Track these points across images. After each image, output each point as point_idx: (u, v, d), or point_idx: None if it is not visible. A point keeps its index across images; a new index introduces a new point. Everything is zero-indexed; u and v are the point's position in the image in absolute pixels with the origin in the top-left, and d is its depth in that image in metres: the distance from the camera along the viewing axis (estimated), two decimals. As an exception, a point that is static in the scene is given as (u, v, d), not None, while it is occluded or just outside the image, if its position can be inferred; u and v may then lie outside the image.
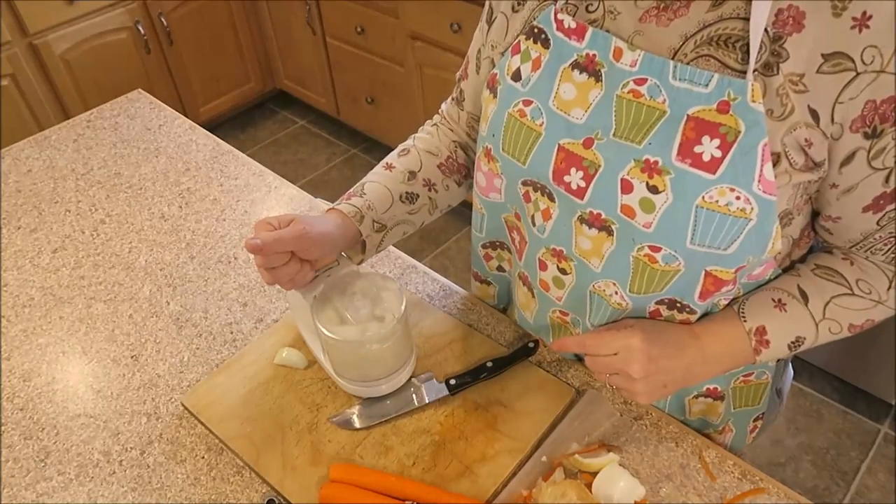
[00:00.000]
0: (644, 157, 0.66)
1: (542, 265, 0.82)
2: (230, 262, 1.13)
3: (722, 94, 0.62)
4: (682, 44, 0.64)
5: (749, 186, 0.63)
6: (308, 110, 3.29)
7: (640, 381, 0.73)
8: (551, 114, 0.72)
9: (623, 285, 0.74)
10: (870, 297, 0.74)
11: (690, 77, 0.63)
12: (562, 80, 0.71)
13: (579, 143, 0.70)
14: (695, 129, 0.64)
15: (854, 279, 0.75)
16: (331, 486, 0.79)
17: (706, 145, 0.63)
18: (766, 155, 0.62)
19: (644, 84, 0.66)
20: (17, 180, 1.32)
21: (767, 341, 0.75)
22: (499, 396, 0.88)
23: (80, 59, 2.53)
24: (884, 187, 0.65)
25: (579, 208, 0.72)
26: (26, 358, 0.99)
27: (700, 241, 0.67)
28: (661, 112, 0.65)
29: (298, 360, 0.93)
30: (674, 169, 0.65)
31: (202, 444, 0.87)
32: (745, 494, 0.78)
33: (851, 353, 1.91)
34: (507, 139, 0.76)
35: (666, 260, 0.69)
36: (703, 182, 0.64)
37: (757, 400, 0.89)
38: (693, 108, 0.64)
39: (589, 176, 0.70)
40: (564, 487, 0.76)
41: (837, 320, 0.75)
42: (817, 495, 1.80)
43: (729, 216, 0.65)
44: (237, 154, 1.36)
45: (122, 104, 1.51)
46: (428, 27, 2.24)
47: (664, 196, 0.66)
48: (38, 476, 0.85)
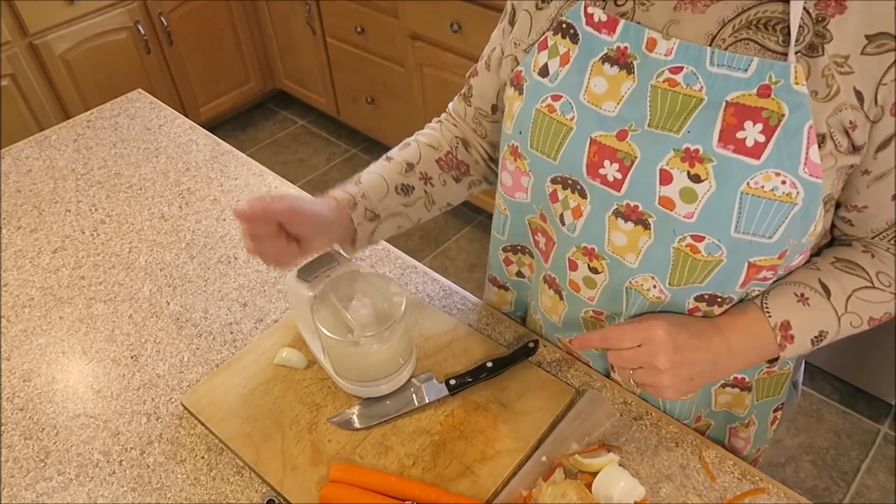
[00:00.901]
0: (684, 145, 0.65)
1: (571, 265, 0.81)
2: (230, 262, 1.13)
3: (762, 78, 0.62)
4: (720, 29, 0.64)
5: (795, 170, 0.63)
6: (308, 110, 3.29)
7: (666, 372, 0.72)
8: (582, 107, 0.71)
9: (662, 278, 0.73)
10: (889, 289, 0.74)
11: (729, 62, 0.63)
12: (592, 73, 0.70)
13: (612, 136, 0.69)
14: (735, 114, 0.63)
15: (875, 272, 0.74)
16: (331, 486, 0.79)
17: (749, 130, 0.63)
18: (811, 137, 0.62)
19: (680, 72, 0.65)
20: (17, 180, 1.32)
21: (792, 336, 0.75)
22: (499, 396, 0.88)
23: (80, 59, 2.53)
24: None
25: (615, 201, 0.71)
26: (26, 358, 0.99)
27: (745, 228, 0.66)
28: (699, 100, 0.64)
29: (298, 360, 0.93)
30: (716, 156, 0.64)
31: (202, 444, 0.87)
32: (745, 494, 0.78)
33: (851, 353, 1.91)
34: (535, 135, 0.75)
35: (709, 250, 0.68)
36: (747, 168, 0.63)
37: (778, 390, 0.89)
38: (732, 93, 0.63)
39: (625, 168, 0.69)
40: (564, 487, 0.76)
41: (858, 313, 0.75)
42: (817, 495, 1.80)
43: (775, 201, 0.64)
44: (237, 154, 1.36)
45: (122, 104, 1.51)
46: (428, 27, 2.24)
47: (707, 184, 0.65)
48: (38, 476, 0.85)
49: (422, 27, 2.25)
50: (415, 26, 2.28)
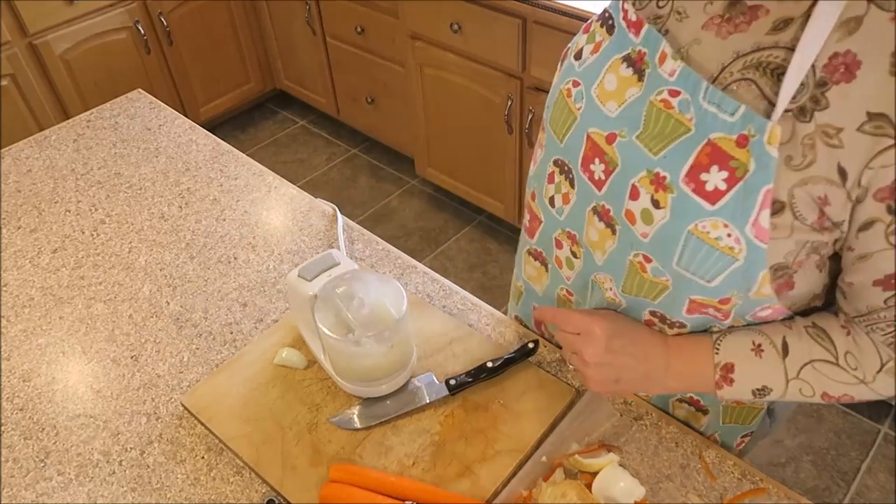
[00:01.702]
0: (656, 169, 0.65)
1: (558, 244, 0.83)
2: (230, 262, 1.13)
3: (743, 128, 0.60)
4: (732, 61, 0.62)
5: (742, 227, 0.62)
6: (308, 110, 3.29)
7: (591, 366, 0.76)
8: (590, 101, 0.72)
9: (617, 283, 0.75)
10: (854, 372, 0.70)
11: (719, 102, 0.61)
12: (609, 69, 0.71)
13: (604, 136, 0.70)
14: (710, 155, 0.62)
15: (844, 351, 0.70)
16: (331, 486, 0.79)
17: (713, 175, 0.62)
18: (766, 201, 0.60)
19: (677, 97, 0.64)
20: (17, 180, 1.32)
21: (732, 380, 0.74)
22: (499, 396, 0.88)
23: (80, 59, 2.53)
24: None
25: (595, 199, 0.73)
26: (26, 358, 0.99)
27: (686, 265, 0.67)
28: (686, 129, 0.63)
29: (298, 360, 0.93)
30: (678, 189, 0.64)
31: (202, 444, 0.87)
32: (745, 494, 0.78)
33: (851, 353, 1.91)
34: (554, 114, 0.77)
35: (654, 273, 0.70)
36: (700, 210, 0.63)
37: (749, 420, 0.88)
38: (716, 133, 0.62)
39: (609, 171, 0.70)
40: (564, 487, 0.76)
41: (811, 384, 0.72)
42: (817, 495, 1.80)
43: (716, 250, 0.64)
44: (237, 154, 1.36)
45: (122, 104, 1.51)
46: (428, 27, 2.24)
47: (663, 213, 0.66)
48: (38, 476, 0.85)
49: (422, 27, 2.25)
50: (415, 26, 2.28)
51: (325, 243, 1.14)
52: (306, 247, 1.15)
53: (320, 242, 1.15)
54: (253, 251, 1.14)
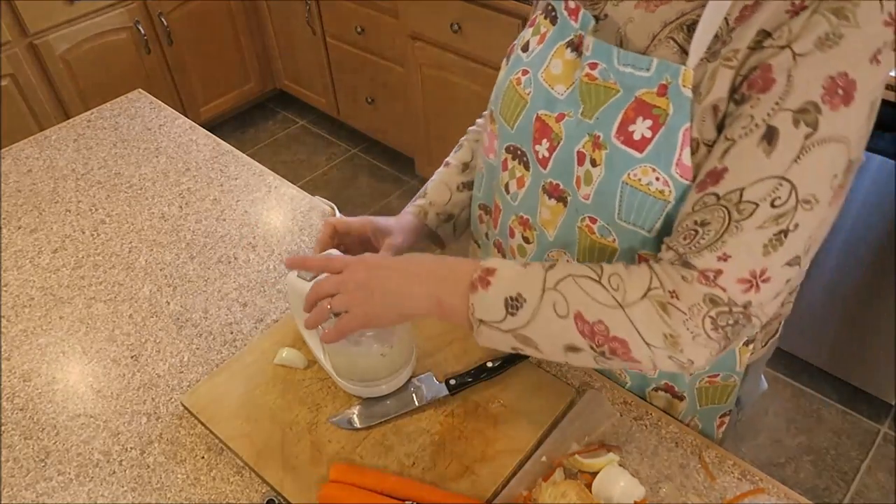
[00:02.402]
0: (595, 131, 0.70)
1: (511, 232, 0.86)
2: (230, 262, 1.13)
3: (661, 78, 0.65)
4: (661, 29, 0.67)
5: (668, 169, 0.66)
6: (308, 110, 3.29)
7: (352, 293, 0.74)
8: (538, 85, 0.76)
9: (572, 254, 0.78)
10: (613, 293, 0.65)
11: (633, 62, 0.67)
12: (555, 55, 0.75)
13: (553, 117, 0.75)
14: (635, 109, 0.67)
15: (609, 272, 0.67)
16: (331, 486, 0.79)
17: (639, 125, 0.67)
18: (685, 139, 0.64)
19: (596, 69, 0.70)
20: (17, 180, 1.32)
21: (489, 282, 0.68)
22: (499, 396, 0.88)
23: (80, 59, 2.53)
24: (716, 162, 0.63)
25: (543, 178, 0.77)
26: (26, 358, 0.99)
27: (626, 216, 0.70)
28: (615, 91, 0.69)
29: (298, 360, 0.93)
30: (610, 145, 0.68)
31: (202, 444, 0.87)
32: (745, 494, 0.78)
33: (851, 353, 1.91)
34: (503, 103, 0.81)
35: (601, 232, 0.73)
36: (630, 159, 0.67)
37: (724, 399, 0.89)
38: (640, 89, 0.67)
39: (552, 147, 0.75)
40: (564, 487, 0.76)
41: (567, 299, 0.66)
42: (817, 495, 1.80)
43: (649, 196, 0.67)
44: (237, 154, 1.36)
45: (122, 104, 1.51)
46: (428, 27, 2.24)
47: (599, 169, 0.70)
48: (38, 476, 0.85)
49: (422, 27, 2.25)
50: (415, 26, 2.28)
51: (325, 243, 1.14)
52: (306, 247, 1.15)
53: (320, 242, 1.15)
54: (253, 251, 1.14)
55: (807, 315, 1.92)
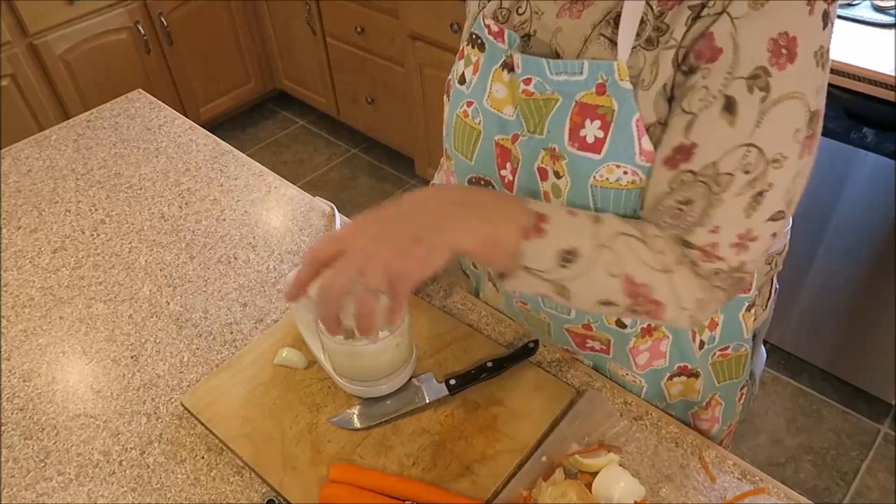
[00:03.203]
0: (549, 145, 0.70)
1: None
2: (230, 262, 1.13)
3: (596, 78, 0.65)
4: (592, 31, 0.68)
5: (632, 160, 0.66)
6: (308, 110, 3.29)
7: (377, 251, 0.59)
8: (486, 112, 0.76)
9: None
10: (660, 256, 0.65)
11: (565, 69, 0.67)
12: (493, 79, 0.75)
13: (509, 139, 0.75)
14: (580, 113, 0.67)
15: (652, 234, 0.67)
16: (331, 486, 0.79)
17: (588, 128, 0.67)
18: (640, 129, 0.65)
19: (531, 83, 0.70)
20: (17, 180, 1.32)
21: (543, 230, 0.64)
22: (499, 396, 0.88)
23: (80, 59, 2.53)
24: (682, 137, 0.63)
25: None
26: (26, 358, 0.99)
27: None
28: (555, 101, 0.69)
29: (298, 360, 0.93)
30: (567, 154, 0.69)
31: (202, 444, 0.87)
32: (745, 494, 0.78)
33: (851, 353, 1.91)
34: (456, 138, 0.81)
35: None
36: (591, 162, 0.67)
37: (740, 371, 0.92)
38: (579, 93, 0.67)
39: (514, 169, 0.75)
40: (564, 487, 0.76)
41: (619, 256, 0.64)
42: (817, 495, 1.80)
43: (623, 190, 0.68)
44: (237, 154, 1.36)
45: (122, 104, 1.51)
46: (428, 27, 2.24)
47: (565, 180, 0.70)
48: (38, 476, 0.85)
49: (422, 27, 2.25)
50: (415, 26, 2.28)
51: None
52: (306, 247, 1.15)
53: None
54: (253, 251, 1.14)
55: (807, 315, 1.92)
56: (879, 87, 1.44)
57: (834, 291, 1.82)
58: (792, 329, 1.99)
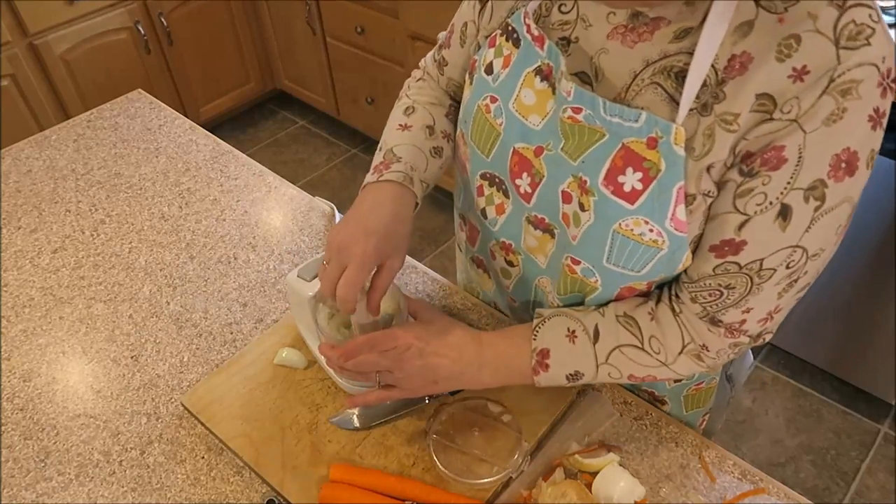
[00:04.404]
0: (578, 174, 0.68)
1: (492, 255, 0.87)
2: (230, 262, 1.13)
3: (651, 131, 0.63)
4: (643, 69, 0.64)
5: (662, 222, 0.65)
6: (308, 110, 3.29)
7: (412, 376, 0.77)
8: (510, 116, 0.74)
9: (554, 286, 0.79)
10: (657, 356, 0.74)
11: (620, 114, 0.64)
12: (524, 84, 0.72)
13: (531, 150, 0.73)
14: (624, 157, 0.65)
15: (648, 335, 0.74)
16: (331, 486, 0.79)
17: (629, 176, 0.65)
18: (679, 197, 0.63)
19: (580, 113, 0.67)
20: (17, 180, 1.32)
21: (548, 365, 0.76)
22: (499, 396, 0.88)
23: (80, 59, 2.52)
24: (734, 234, 0.65)
25: (526, 210, 0.77)
26: (26, 358, 0.99)
27: (615, 261, 0.70)
28: (601, 135, 0.66)
29: (298, 360, 0.93)
30: (598, 192, 0.67)
31: (202, 444, 0.87)
32: (745, 494, 0.78)
33: (851, 353, 1.91)
34: (475, 129, 0.78)
35: (584, 273, 0.74)
36: (622, 210, 0.66)
37: (706, 401, 0.94)
38: (628, 137, 0.64)
39: (535, 183, 0.74)
40: (564, 487, 0.76)
41: (619, 368, 0.76)
42: (817, 495, 1.80)
43: (642, 244, 0.67)
44: (237, 154, 1.36)
45: (122, 104, 1.51)
46: (428, 27, 2.23)
47: (588, 215, 0.69)
48: (38, 476, 0.85)
49: (422, 27, 2.25)
50: (415, 26, 2.28)
51: (324, 243, 1.14)
52: (306, 247, 1.15)
53: (320, 242, 1.15)
54: (253, 251, 1.14)
55: (807, 315, 1.92)
56: (879, 87, 1.44)
57: (834, 291, 1.82)
58: (792, 329, 1.99)
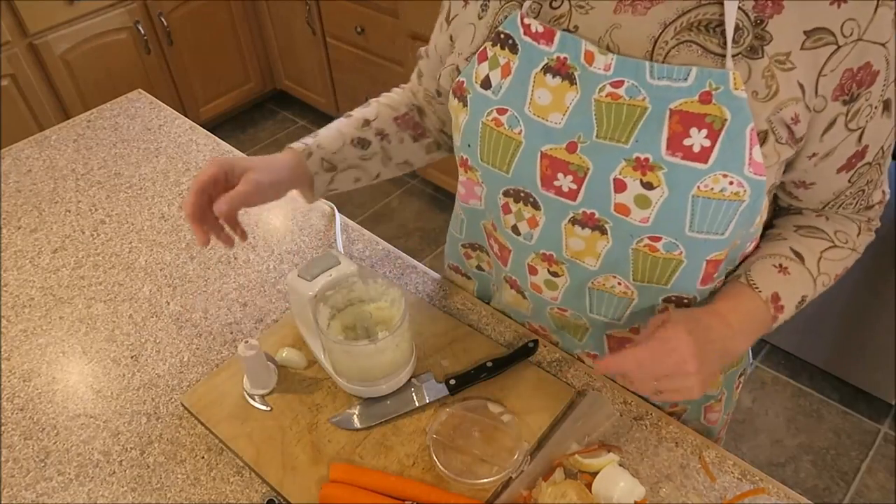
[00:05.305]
0: (634, 155, 0.67)
1: (531, 270, 0.83)
2: (230, 262, 1.13)
3: (703, 86, 0.63)
4: (662, 31, 0.65)
5: (741, 170, 0.65)
6: (308, 110, 3.29)
7: (699, 377, 0.70)
8: (528, 121, 0.71)
9: (626, 276, 0.76)
10: (847, 245, 0.79)
11: (668, 74, 0.64)
12: (535, 85, 0.70)
13: (562, 148, 0.70)
14: (681, 122, 0.64)
15: (833, 231, 0.79)
16: (331, 486, 0.79)
17: (695, 137, 0.64)
18: (753, 139, 0.64)
19: (621, 86, 0.66)
20: (17, 180, 1.32)
21: (782, 306, 0.77)
22: (499, 396, 0.88)
23: (80, 59, 2.53)
24: (856, 146, 0.69)
25: (571, 210, 0.73)
26: (26, 358, 0.99)
27: (699, 228, 0.69)
28: (643, 109, 0.66)
29: (298, 360, 0.93)
30: (665, 164, 0.66)
31: (202, 444, 0.87)
32: (745, 494, 0.78)
33: (851, 353, 1.91)
34: (485, 149, 0.75)
35: (667, 248, 0.71)
36: (696, 172, 0.65)
37: (740, 360, 0.94)
38: (675, 101, 0.64)
39: (579, 179, 0.71)
40: (564, 487, 0.76)
41: (828, 273, 0.79)
42: (817, 495, 1.80)
43: (724, 201, 0.66)
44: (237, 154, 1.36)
45: (122, 104, 1.51)
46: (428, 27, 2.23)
47: (660, 191, 0.67)
48: (38, 476, 0.85)
49: (422, 27, 2.25)
50: (415, 26, 2.28)
51: (324, 243, 1.14)
52: (306, 247, 1.15)
53: (320, 242, 1.15)
54: (253, 251, 1.14)
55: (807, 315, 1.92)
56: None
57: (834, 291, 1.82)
58: (792, 329, 1.99)
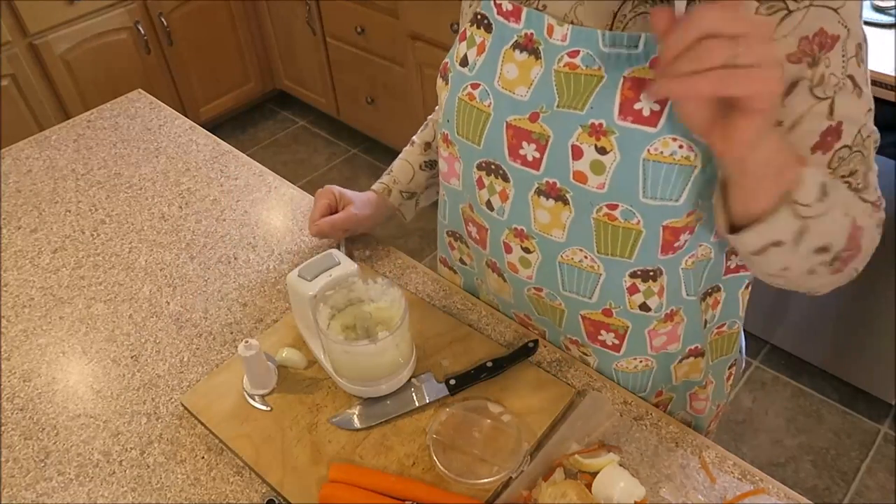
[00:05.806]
0: (589, 121, 0.69)
1: (507, 248, 0.85)
2: (230, 262, 1.13)
3: (653, 52, 0.64)
4: (621, 5, 0.67)
5: (689, 134, 0.66)
6: (308, 110, 3.29)
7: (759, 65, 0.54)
8: (497, 94, 0.75)
9: (590, 248, 0.77)
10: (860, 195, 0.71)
11: (620, 41, 0.66)
12: (504, 60, 0.75)
13: (525, 118, 0.74)
14: (632, 87, 0.66)
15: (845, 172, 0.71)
16: (331, 486, 0.79)
17: (644, 102, 0.66)
18: None
19: (577, 56, 0.69)
20: (17, 180, 1.32)
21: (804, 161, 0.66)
22: (499, 396, 0.88)
23: (80, 59, 2.53)
24: (829, 119, 0.66)
25: (535, 180, 0.76)
26: (26, 358, 0.99)
27: (651, 193, 0.70)
28: (599, 77, 0.68)
29: (298, 360, 0.93)
30: (617, 128, 0.68)
31: (202, 444, 0.87)
32: (745, 495, 0.78)
33: (851, 353, 1.91)
34: (460, 123, 0.80)
35: (624, 216, 0.73)
36: (646, 136, 0.67)
37: (730, 348, 0.94)
38: (628, 69, 0.66)
39: (542, 146, 0.74)
40: (564, 487, 0.76)
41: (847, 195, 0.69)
42: (817, 495, 1.80)
43: (675, 165, 0.67)
44: (237, 154, 1.36)
45: (122, 104, 1.51)
46: (428, 27, 2.24)
47: (612, 155, 0.69)
48: (38, 476, 0.85)
49: (422, 27, 2.26)
50: (415, 26, 2.28)
51: (325, 243, 1.14)
52: (306, 247, 1.15)
53: (320, 242, 1.15)
54: (253, 251, 1.14)
55: (807, 315, 1.92)
56: (879, 88, 1.44)
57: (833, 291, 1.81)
58: (792, 329, 1.99)
